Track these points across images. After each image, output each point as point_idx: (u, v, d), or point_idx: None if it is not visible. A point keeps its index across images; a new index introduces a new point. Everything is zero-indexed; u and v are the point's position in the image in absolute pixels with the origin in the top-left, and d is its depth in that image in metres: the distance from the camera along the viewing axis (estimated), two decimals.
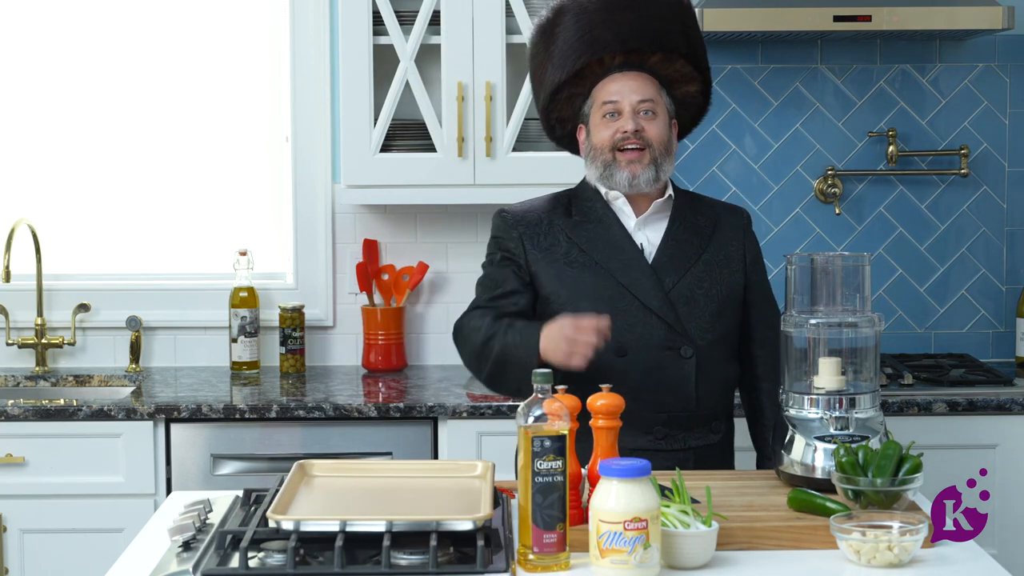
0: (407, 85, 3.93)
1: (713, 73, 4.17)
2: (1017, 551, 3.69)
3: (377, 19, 3.91)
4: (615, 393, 2.48)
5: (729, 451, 3.05)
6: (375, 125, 3.92)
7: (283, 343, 4.14)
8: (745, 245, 3.03)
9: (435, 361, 4.23)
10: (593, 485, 2.44)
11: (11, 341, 4.19)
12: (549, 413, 2.28)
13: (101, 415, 3.66)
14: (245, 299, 4.14)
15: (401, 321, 4.16)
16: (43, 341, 4.17)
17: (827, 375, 2.67)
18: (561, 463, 2.27)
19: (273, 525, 2.32)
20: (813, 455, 2.64)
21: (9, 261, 4.03)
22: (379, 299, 4.20)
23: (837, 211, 4.22)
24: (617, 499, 2.20)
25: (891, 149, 4.19)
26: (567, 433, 2.30)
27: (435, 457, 3.66)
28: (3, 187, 4.31)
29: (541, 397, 2.30)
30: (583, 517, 2.41)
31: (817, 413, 2.66)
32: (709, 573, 2.30)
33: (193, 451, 3.68)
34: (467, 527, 2.31)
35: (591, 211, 2.97)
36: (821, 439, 2.64)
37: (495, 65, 3.88)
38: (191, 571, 2.27)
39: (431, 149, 3.94)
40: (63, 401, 3.76)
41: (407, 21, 3.93)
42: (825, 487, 2.58)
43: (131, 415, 3.66)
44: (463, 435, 3.66)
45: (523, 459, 2.28)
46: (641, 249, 2.94)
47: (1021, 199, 4.25)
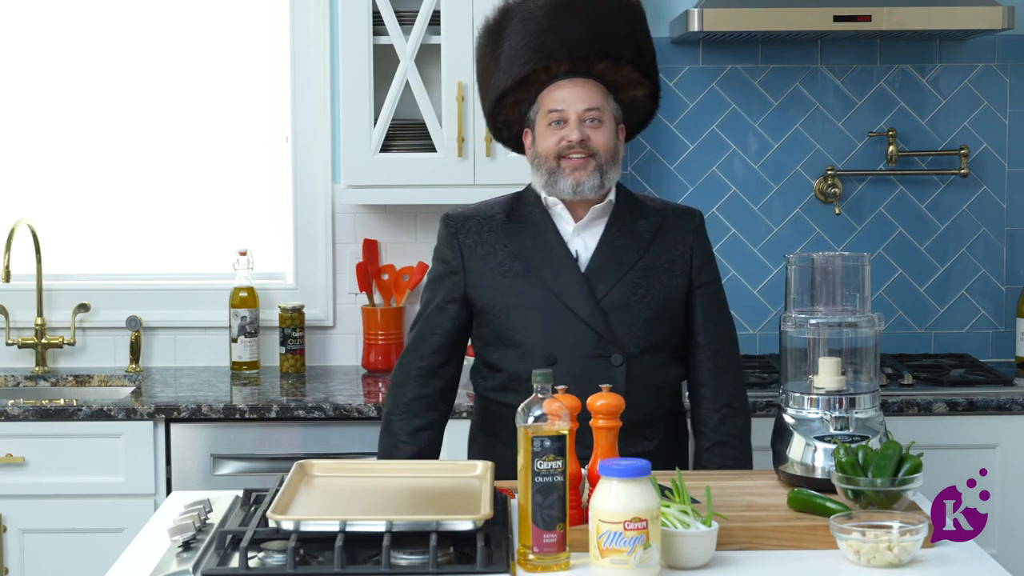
0: (407, 85, 3.93)
1: (713, 73, 4.20)
2: (1017, 551, 3.69)
3: (377, 19, 3.91)
4: (614, 393, 2.48)
5: (674, 456, 3.00)
6: (375, 125, 3.92)
7: (283, 343, 4.14)
8: (693, 247, 2.99)
9: None
10: (593, 485, 2.45)
11: (11, 341, 4.19)
12: (549, 413, 2.29)
13: (101, 415, 3.66)
14: (245, 299, 4.14)
15: (401, 321, 4.16)
16: (43, 341, 4.17)
17: (827, 375, 2.67)
18: (561, 463, 2.27)
19: (273, 525, 2.32)
20: (813, 455, 2.64)
21: (9, 261, 4.03)
22: (379, 299, 4.20)
23: (837, 211, 4.22)
24: (617, 499, 2.20)
25: (891, 149, 4.19)
26: (567, 433, 2.30)
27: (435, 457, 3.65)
28: (3, 187, 4.31)
29: (541, 397, 2.30)
30: (583, 517, 2.40)
31: (817, 413, 2.66)
32: (709, 573, 2.30)
33: (193, 451, 3.68)
34: (467, 527, 2.31)
35: (530, 216, 2.96)
36: (821, 439, 2.64)
37: None
38: (191, 571, 2.27)
39: (431, 149, 3.94)
40: (63, 401, 3.76)
41: (407, 21, 3.93)
42: (825, 487, 2.58)
43: (131, 415, 3.66)
44: (463, 435, 3.65)
45: (523, 459, 2.29)
46: (576, 256, 2.93)
47: (1021, 199, 4.25)
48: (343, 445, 3.67)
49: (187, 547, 2.39)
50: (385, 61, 3.96)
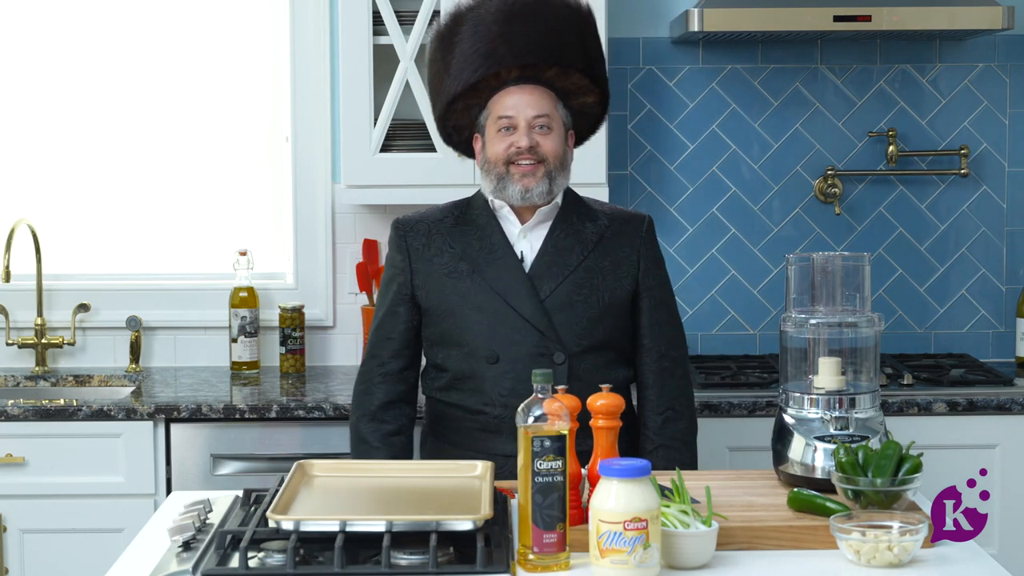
0: (407, 85, 3.93)
1: (713, 73, 4.21)
2: (1017, 551, 3.70)
3: (377, 19, 3.91)
4: (615, 393, 2.48)
5: (624, 455, 2.99)
6: (375, 125, 3.92)
7: (283, 343, 4.14)
8: (640, 251, 3.03)
9: None
10: (593, 485, 2.45)
11: (11, 341, 4.19)
12: (549, 413, 2.29)
13: (101, 415, 3.66)
14: (245, 299, 4.14)
15: None
16: (43, 341, 4.17)
17: (827, 375, 2.67)
18: (561, 463, 2.27)
19: (273, 525, 2.32)
20: (813, 455, 2.64)
21: (9, 261, 4.03)
22: None
23: (837, 211, 4.22)
24: (617, 499, 2.20)
25: (891, 149, 4.19)
26: (567, 433, 2.30)
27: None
28: (3, 187, 4.31)
29: (541, 397, 2.30)
30: (583, 517, 2.41)
31: (817, 413, 2.66)
32: (709, 573, 2.30)
33: (193, 451, 3.68)
34: (467, 527, 2.31)
35: (477, 219, 3.01)
36: (821, 439, 2.64)
37: None
38: (191, 571, 2.27)
39: (431, 149, 3.94)
40: (63, 401, 3.76)
41: (407, 21, 3.93)
42: (825, 487, 2.58)
43: (131, 415, 3.66)
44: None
45: (523, 459, 2.29)
46: (521, 257, 2.97)
47: (1021, 199, 4.25)
48: (343, 445, 3.67)
49: (187, 547, 2.39)
50: (385, 61, 3.96)
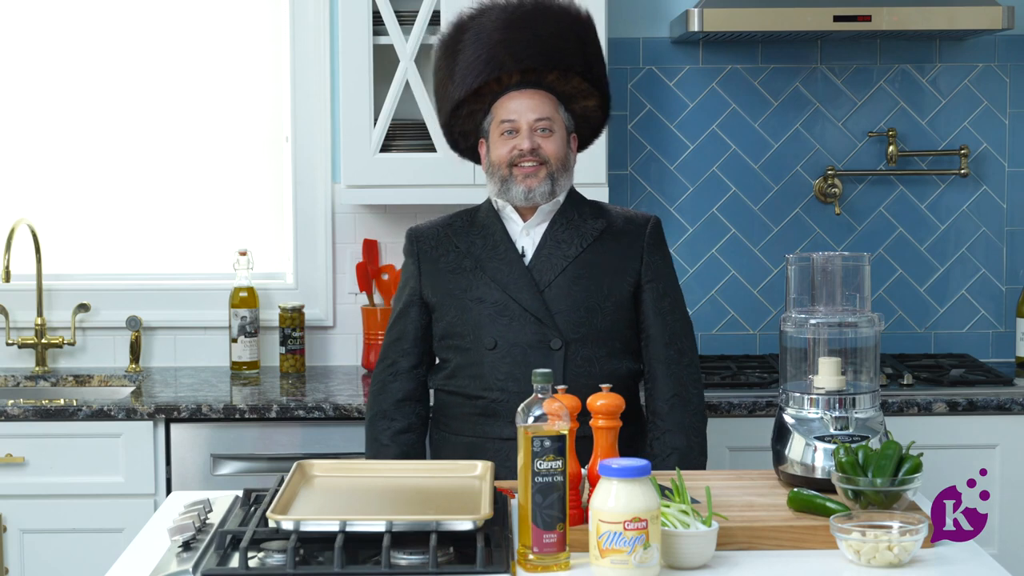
0: (407, 85, 3.93)
1: (713, 73, 4.21)
2: (1017, 551, 3.69)
3: (377, 19, 3.91)
4: (614, 393, 2.49)
5: (626, 448, 3.04)
6: (375, 125, 3.92)
7: (283, 343, 4.14)
8: (644, 248, 3.09)
9: None
10: (593, 485, 2.45)
11: (11, 341, 4.19)
12: (549, 413, 2.29)
13: (101, 415, 3.66)
14: (245, 299, 4.14)
15: None
16: (43, 341, 4.17)
17: (827, 375, 2.67)
18: (561, 463, 2.27)
19: (273, 525, 2.32)
20: (813, 455, 2.64)
21: (9, 261, 4.03)
22: (379, 299, 4.20)
23: (837, 211, 4.22)
24: (617, 499, 2.20)
25: (891, 149, 4.19)
26: (567, 433, 2.30)
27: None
28: (3, 187, 4.31)
29: (541, 397, 2.30)
30: (583, 517, 2.41)
31: (817, 413, 2.66)
32: (709, 573, 2.30)
33: (193, 451, 3.68)
34: (467, 527, 2.31)
35: (483, 221, 3.11)
36: (821, 439, 2.64)
37: None
38: (191, 571, 2.27)
39: (431, 149, 3.94)
40: (63, 401, 3.76)
41: (407, 21, 3.93)
42: (825, 487, 2.58)
43: (131, 415, 3.66)
44: None
45: (523, 459, 2.29)
46: (522, 252, 3.06)
47: (1021, 199, 4.25)
48: (343, 445, 3.67)
49: (187, 547, 2.39)
50: (385, 61, 3.96)
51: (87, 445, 3.67)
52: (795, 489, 2.55)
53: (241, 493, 2.66)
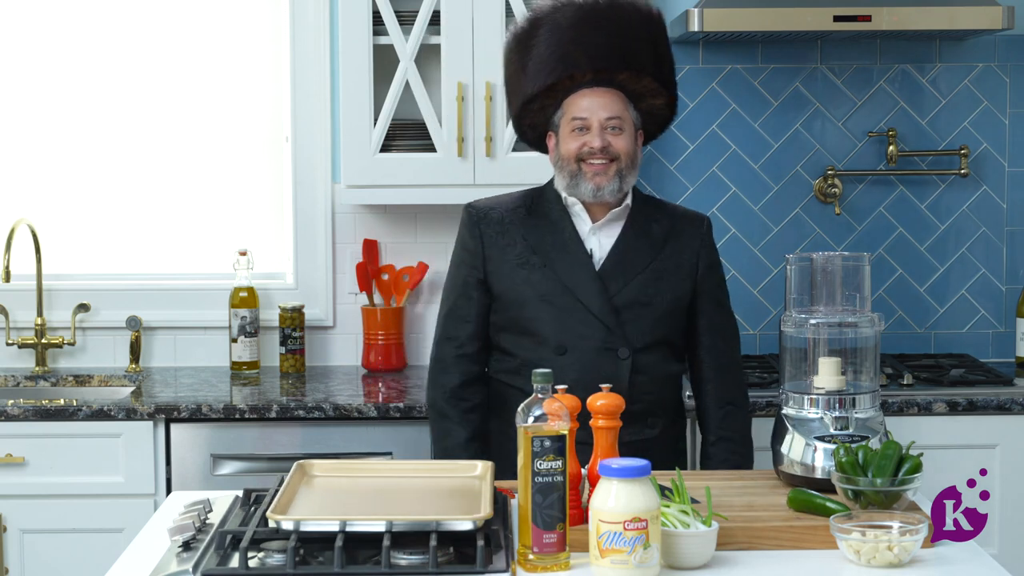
0: (407, 85, 3.93)
1: (713, 73, 4.21)
2: (1017, 551, 3.69)
3: (377, 19, 3.91)
4: (615, 393, 2.49)
5: (672, 446, 3.17)
6: (375, 125, 3.92)
7: (283, 343, 4.14)
8: (700, 254, 3.15)
9: None
10: (593, 485, 2.45)
11: (11, 341, 4.19)
12: (549, 413, 2.29)
13: (101, 415, 3.66)
14: (245, 299, 4.14)
15: (401, 321, 4.16)
16: (43, 341, 4.17)
17: (827, 375, 2.67)
18: (561, 463, 2.28)
19: (273, 525, 2.32)
20: (813, 455, 2.64)
21: (9, 261, 4.03)
22: (379, 299, 4.20)
23: (837, 211, 4.22)
24: (617, 499, 2.20)
25: (891, 149, 4.19)
26: (567, 433, 2.30)
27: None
28: (3, 187, 4.31)
29: (541, 397, 2.30)
30: (583, 517, 2.41)
31: (817, 413, 2.66)
32: (709, 573, 2.30)
33: (193, 451, 3.68)
34: (467, 527, 2.31)
35: (550, 213, 3.12)
36: (821, 439, 2.64)
37: (495, 65, 3.87)
38: (191, 571, 2.27)
39: (431, 149, 3.94)
40: (63, 401, 3.76)
41: (407, 21, 3.93)
42: (825, 487, 2.58)
43: (131, 415, 3.66)
44: None
45: (523, 459, 2.29)
46: (591, 254, 3.09)
47: (1021, 199, 4.25)
48: (343, 445, 3.67)
49: (187, 547, 2.39)
50: (385, 61, 3.96)
51: (87, 445, 3.67)
52: (795, 489, 2.55)
53: (241, 493, 2.66)
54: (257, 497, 2.65)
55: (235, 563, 2.28)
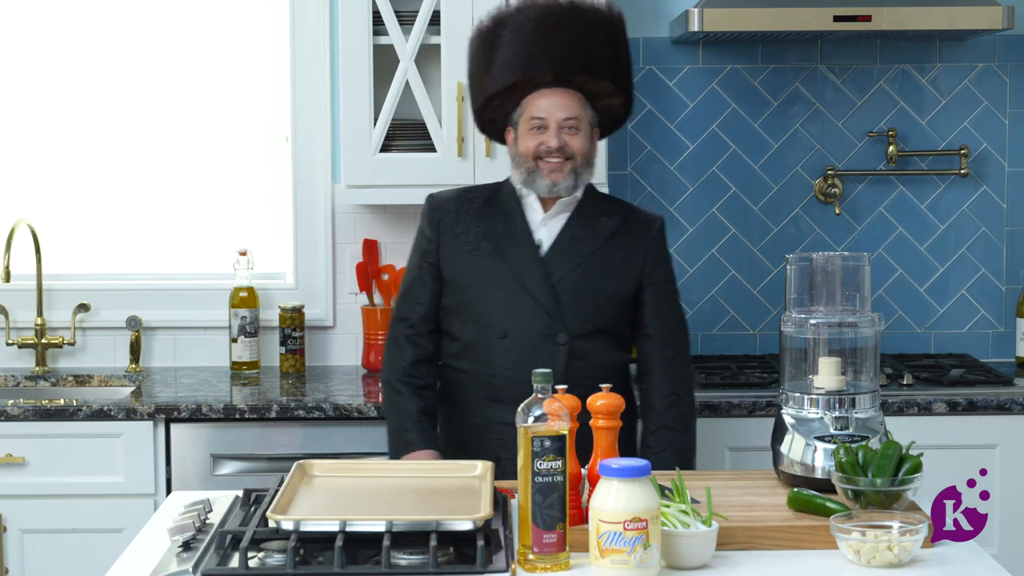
0: (407, 85, 3.93)
1: (713, 73, 4.21)
2: (1017, 551, 3.69)
3: (377, 19, 3.91)
4: (615, 393, 2.49)
5: (622, 436, 3.16)
6: (375, 125, 3.92)
7: (283, 343, 4.14)
8: (649, 249, 3.23)
9: None
10: (593, 485, 2.45)
11: (11, 341, 4.19)
12: (549, 413, 2.29)
13: (101, 415, 3.66)
14: (245, 299, 4.14)
15: None
16: (43, 341, 4.17)
17: (827, 375, 2.67)
18: (561, 463, 2.28)
19: (273, 525, 2.32)
20: (813, 455, 2.64)
21: (9, 261, 4.02)
22: (379, 299, 4.20)
23: (837, 211, 4.22)
24: (617, 499, 2.20)
25: (891, 149, 4.19)
26: (567, 433, 2.30)
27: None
28: (3, 187, 4.31)
29: (541, 397, 2.30)
30: (583, 517, 2.41)
31: (817, 413, 2.66)
32: (709, 573, 2.30)
33: (193, 451, 3.68)
34: (467, 527, 2.31)
35: (504, 204, 3.24)
36: (821, 439, 2.64)
37: None
38: (191, 571, 2.27)
39: (431, 149, 3.94)
40: (63, 401, 3.76)
41: (407, 21, 3.93)
42: (825, 487, 2.58)
43: (131, 415, 3.66)
44: None
45: (523, 459, 2.29)
46: (539, 244, 3.20)
47: (1021, 199, 4.25)
48: (343, 445, 3.67)
49: (187, 547, 2.39)
50: (385, 61, 3.96)
51: (87, 445, 3.67)
52: (795, 489, 2.55)
53: (241, 493, 2.66)
54: (257, 497, 2.65)
55: (235, 563, 2.28)
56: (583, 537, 2.32)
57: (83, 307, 4.21)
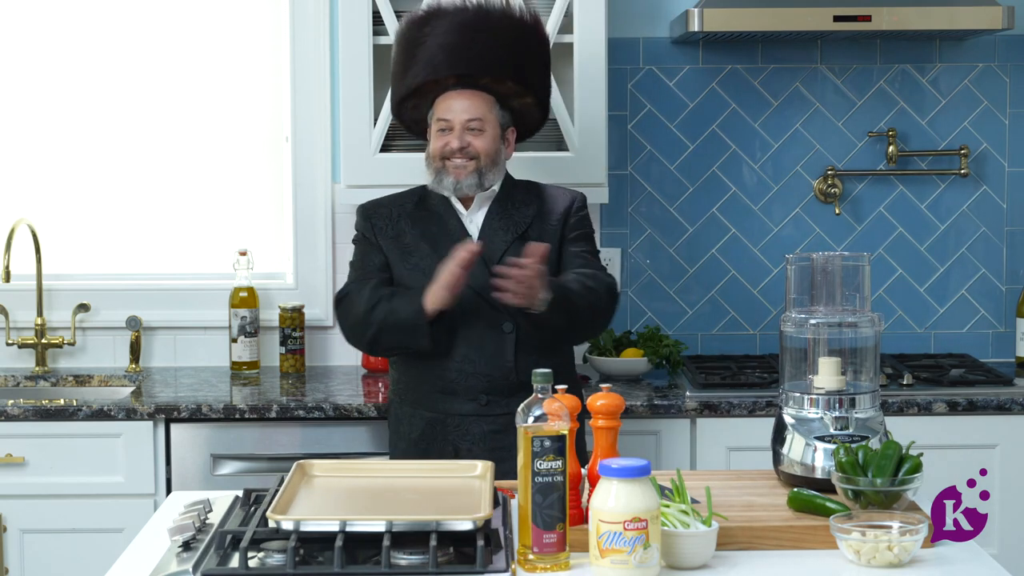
0: None
1: (713, 73, 4.21)
2: (1017, 551, 3.70)
3: (377, 19, 3.91)
4: (614, 394, 2.49)
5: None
6: (375, 125, 3.92)
7: (283, 343, 4.14)
8: (566, 221, 3.34)
9: None
10: (593, 485, 2.45)
11: (11, 341, 4.19)
12: (549, 413, 2.29)
13: (101, 415, 3.66)
14: (245, 299, 4.14)
15: None
16: (43, 341, 4.17)
17: (827, 375, 2.67)
18: (561, 463, 2.28)
19: (273, 525, 2.32)
20: (813, 455, 2.64)
21: (9, 261, 4.03)
22: None
23: (837, 211, 4.22)
24: (617, 499, 2.20)
25: (891, 149, 4.19)
26: (567, 433, 2.30)
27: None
28: (3, 187, 4.31)
29: (541, 397, 2.30)
30: (583, 517, 2.41)
31: (817, 413, 2.66)
32: (709, 573, 2.30)
33: (193, 451, 3.68)
34: (467, 527, 2.31)
35: (434, 206, 3.35)
36: (821, 439, 2.64)
37: None
38: (191, 571, 2.27)
39: None
40: (63, 401, 3.76)
41: None
42: (825, 487, 2.58)
43: (131, 415, 3.66)
44: None
45: (523, 459, 2.29)
46: (471, 237, 3.29)
47: (1021, 199, 4.25)
48: (343, 445, 3.67)
49: (187, 547, 2.39)
50: (385, 61, 3.96)
51: (87, 445, 3.67)
52: (795, 489, 2.55)
53: (241, 493, 2.66)
54: (257, 497, 2.65)
55: (235, 563, 2.28)
56: (583, 537, 2.32)
57: (83, 307, 4.21)
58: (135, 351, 4.18)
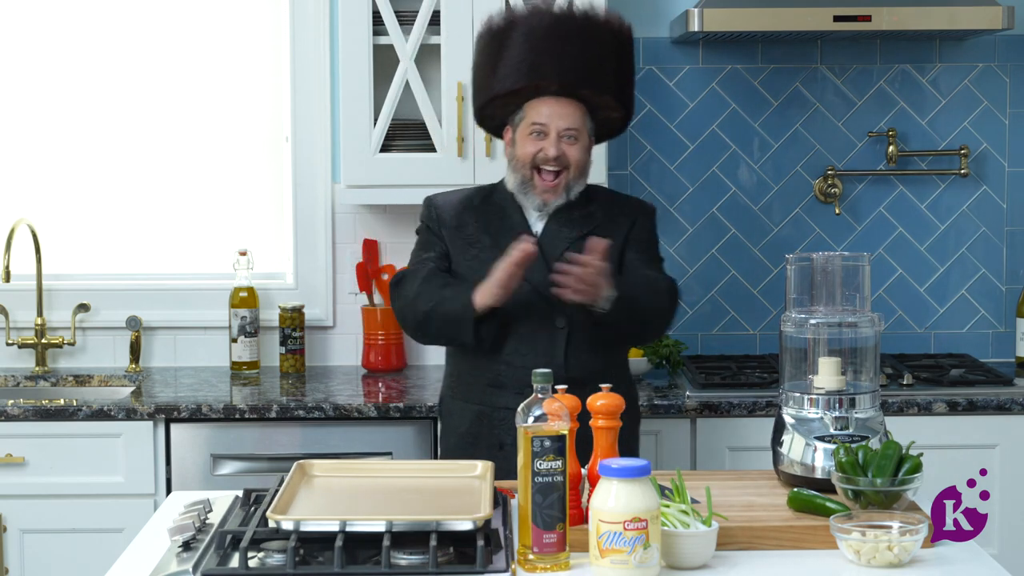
0: (407, 85, 3.93)
1: (713, 73, 4.21)
2: (1017, 551, 3.69)
3: (377, 19, 3.91)
4: (614, 393, 2.49)
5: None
6: (375, 125, 3.92)
7: (283, 343, 4.14)
8: (631, 230, 3.28)
9: (435, 361, 4.22)
10: (593, 485, 2.45)
11: (11, 341, 4.19)
12: (549, 413, 2.29)
13: (101, 415, 3.66)
14: (245, 299, 4.14)
15: None
16: (43, 341, 4.17)
17: (827, 375, 2.67)
18: (561, 463, 2.28)
19: (273, 525, 2.32)
20: (813, 455, 2.64)
21: (9, 261, 4.03)
22: (379, 299, 4.19)
23: (837, 211, 4.22)
24: (617, 499, 2.20)
25: (891, 149, 4.19)
26: (567, 433, 2.30)
27: (435, 457, 3.66)
28: (3, 187, 4.31)
29: (541, 397, 2.30)
30: (583, 517, 2.41)
31: (817, 413, 2.66)
32: (709, 573, 2.30)
33: (193, 451, 3.68)
34: (467, 527, 2.31)
35: (500, 201, 3.29)
36: (821, 439, 2.64)
37: None
38: (191, 571, 2.27)
39: (431, 149, 3.94)
40: (63, 401, 3.76)
41: (407, 21, 3.93)
42: (825, 487, 2.58)
43: (131, 415, 3.66)
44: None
45: (523, 459, 2.29)
46: (537, 235, 3.23)
47: (1021, 199, 4.25)
48: (343, 445, 3.67)
49: (187, 547, 2.40)
50: (385, 61, 3.96)
51: (87, 445, 3.67)
52: (795, 489, 2.55)
53: (241, 493, 2.66)
54: (257, 497, 2.65)
55: (235, 563, 2.28)
56: (583, 537, 2.32)
57: (83, 307, 4.21)
58: (135, 351, 4.18)
